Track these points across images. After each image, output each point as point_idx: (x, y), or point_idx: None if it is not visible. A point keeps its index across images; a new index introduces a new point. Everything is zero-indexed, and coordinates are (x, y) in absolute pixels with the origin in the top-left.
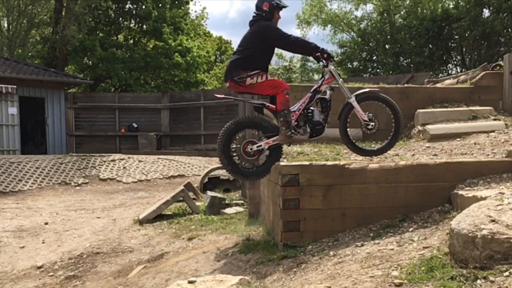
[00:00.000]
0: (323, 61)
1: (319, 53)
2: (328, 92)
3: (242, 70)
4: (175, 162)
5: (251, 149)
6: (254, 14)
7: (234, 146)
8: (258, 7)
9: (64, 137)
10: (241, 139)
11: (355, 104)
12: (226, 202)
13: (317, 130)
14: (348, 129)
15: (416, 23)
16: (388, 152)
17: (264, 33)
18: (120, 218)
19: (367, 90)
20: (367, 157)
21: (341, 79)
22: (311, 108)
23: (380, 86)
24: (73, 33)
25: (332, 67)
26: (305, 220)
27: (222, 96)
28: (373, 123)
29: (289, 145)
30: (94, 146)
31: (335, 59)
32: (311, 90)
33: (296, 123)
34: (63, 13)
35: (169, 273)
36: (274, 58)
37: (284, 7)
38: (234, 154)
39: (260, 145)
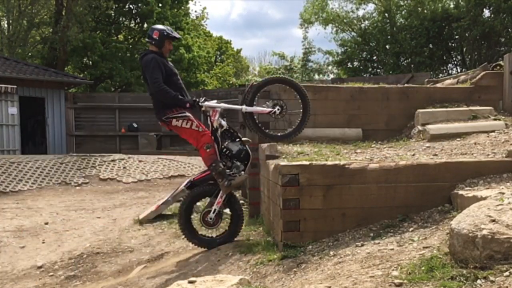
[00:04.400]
0: (196, 106)
1: (188, 104)
2: (223, 122)
3: (168, 110)
4: (175, 162)
5: (210, 218)
6: (147, 41)
7: (195, 222)
8: (149, 35)
9: (64, 137)
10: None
11: (250, 109)
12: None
13: (245, 157)
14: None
15: (417, 23)
16: (388, 152)
17: (144, 69)
18: (120, 218)
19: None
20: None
21: (222, 103)
22: (223, 146)
23: (380, 86)
24: (75, 34)
25: (206, 103)
26: (305, 220)
27: None
28: (278, 108)
29: (236, 190)
30: (94, 146)
31: (336, 58)
32: (209, 133)
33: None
34: (63, 13)
35: (169, 273)
36: (275, 58)
37: (175, 37)
38: (199, 229)
39: (215, 209)
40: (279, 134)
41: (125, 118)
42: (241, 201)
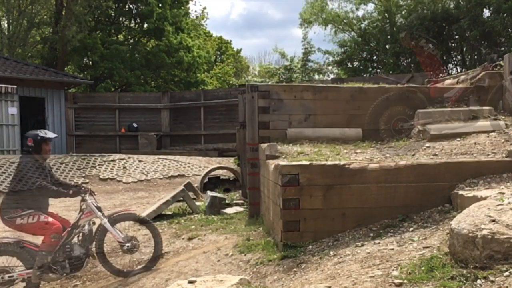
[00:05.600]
0: (82, 194)
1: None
2: (87, 226)
3: (13, 209)
4: (175, 162)
5: (2, 278)
6: (24, 149)
7: None
8: (25, 143)
9: (64, 137)
10: None
11: (107, 225)
12: (226, 202)
13: (76, 266)
14: (107, 255)
15: (417, 23)
16: (388, 152)
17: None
18: None
19: (122, 211)
20: None
21: (100, 213)
22: (71, 242)
23: (380, 86)
24: (74, 34)
25: (90, 201)
26: (305, 220)
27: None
28: (129, 244)
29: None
30: (94, 146)
31: (335, 58)
32: (70, 225)
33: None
34: (63, 13)
35: (169, 273)
36: (275, 57)
37: (49, 138)
38: None
39: (12, 276)
40: None
41: (125, 118)
42: (241, 201)
